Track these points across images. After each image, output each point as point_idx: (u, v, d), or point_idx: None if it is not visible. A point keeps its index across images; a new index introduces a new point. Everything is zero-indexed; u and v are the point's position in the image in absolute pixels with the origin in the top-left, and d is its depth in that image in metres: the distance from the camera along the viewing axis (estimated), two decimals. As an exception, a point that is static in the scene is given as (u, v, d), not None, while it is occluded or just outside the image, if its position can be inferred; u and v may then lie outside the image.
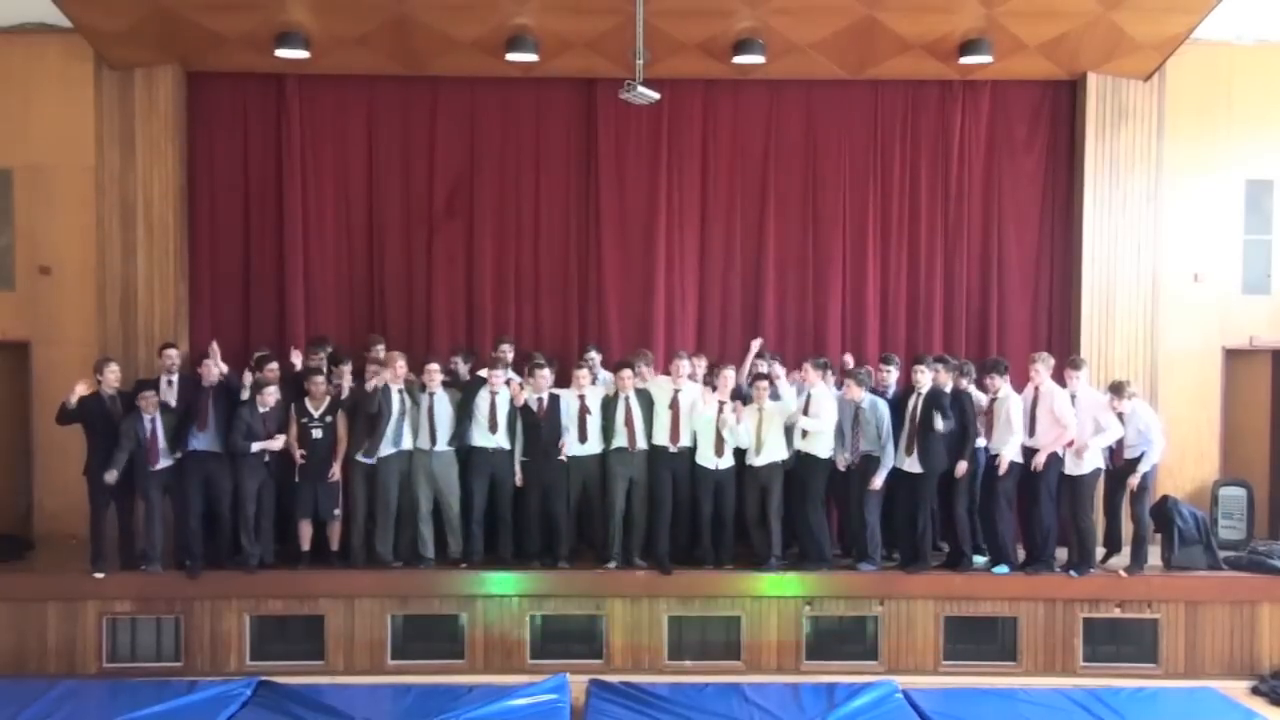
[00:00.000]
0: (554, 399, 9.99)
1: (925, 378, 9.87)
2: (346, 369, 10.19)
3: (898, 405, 10.05)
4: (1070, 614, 9.86)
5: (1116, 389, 9.96)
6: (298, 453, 9.75)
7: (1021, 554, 10.20)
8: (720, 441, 9.88)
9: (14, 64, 10.93)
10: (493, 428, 9.92)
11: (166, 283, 11.01)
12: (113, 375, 9.84)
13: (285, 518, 10.03)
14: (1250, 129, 11.34)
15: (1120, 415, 9.89)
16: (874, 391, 10.15)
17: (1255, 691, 9.63)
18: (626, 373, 10.01)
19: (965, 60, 10.74)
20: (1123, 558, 10.23)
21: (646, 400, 10.07)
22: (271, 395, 9.66)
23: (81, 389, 9.65)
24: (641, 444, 9.99)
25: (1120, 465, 10.15)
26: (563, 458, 9.95)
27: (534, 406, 9.97)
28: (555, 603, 9.90)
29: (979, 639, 9.96)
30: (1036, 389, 9.92)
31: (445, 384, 10.10)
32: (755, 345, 10.75)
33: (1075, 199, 11.39)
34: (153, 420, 9.64)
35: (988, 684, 9.52)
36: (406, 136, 11.38)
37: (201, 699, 8.80)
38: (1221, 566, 10.17)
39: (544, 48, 10.57)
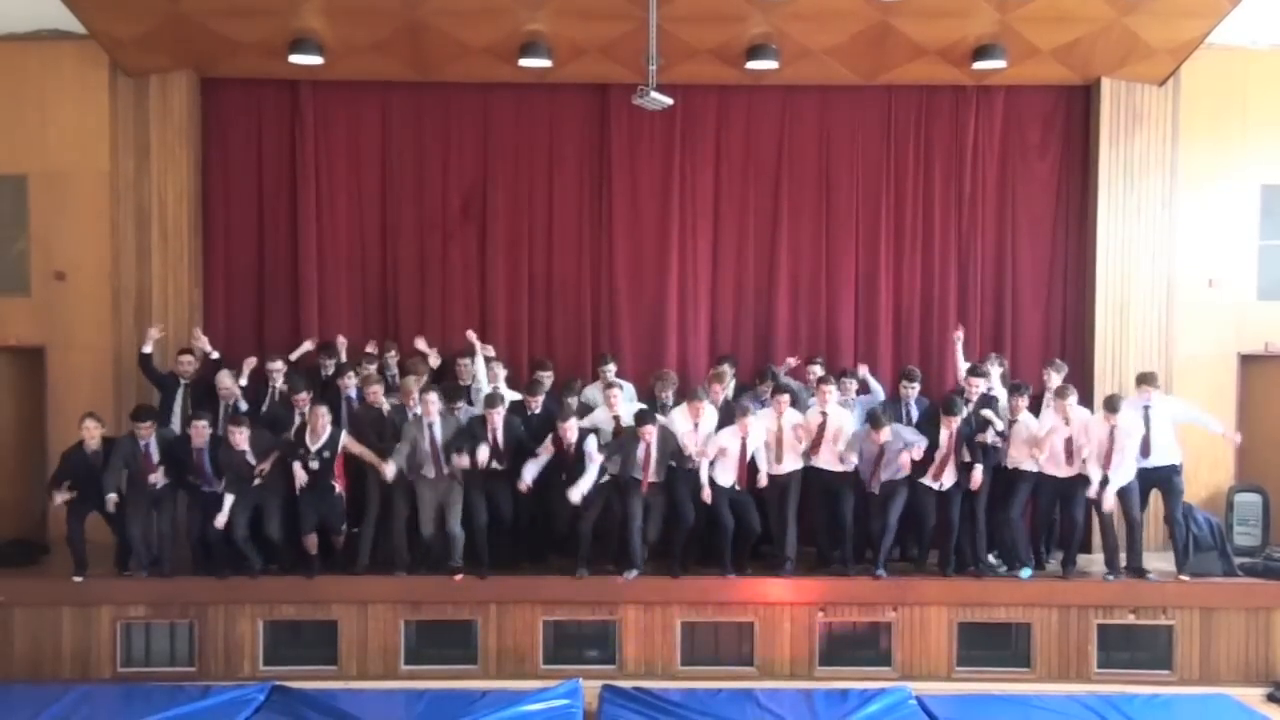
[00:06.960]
0: (582, 434, 9.70)
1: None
2: (352, 380, 10.20)
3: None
4: (1085, 620, 9.81)
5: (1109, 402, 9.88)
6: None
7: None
8: (744, 463, 9.80)
9: (30, 70, 10.98)
10: (499, 459, 9.72)
11: (181, 288, 11.06)
12: (94, 429, 9.58)
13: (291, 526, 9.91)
14: (1265, 134, 11.31)
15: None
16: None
17: (1271, 699, 9.57)
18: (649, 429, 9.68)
19: (979, 66, 10.74)
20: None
21: (665, 441, 9.76)
22: (242, 436, 9.43)
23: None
24: (654, 476, 9.76)
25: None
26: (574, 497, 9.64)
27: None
28: (568, 608, 9.88)
29: (993, 645, 9.92)
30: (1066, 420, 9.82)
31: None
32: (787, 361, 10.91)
33: (1089, 204, 11.37)
34: (147, 444, 9.57)
35: (1001, 690, 9.48)
36: (420, 142, 11.40)
37: (215, 704, 8.82)
38: (1237, 573, 10.13)
39: (557, 53, 10.60)
